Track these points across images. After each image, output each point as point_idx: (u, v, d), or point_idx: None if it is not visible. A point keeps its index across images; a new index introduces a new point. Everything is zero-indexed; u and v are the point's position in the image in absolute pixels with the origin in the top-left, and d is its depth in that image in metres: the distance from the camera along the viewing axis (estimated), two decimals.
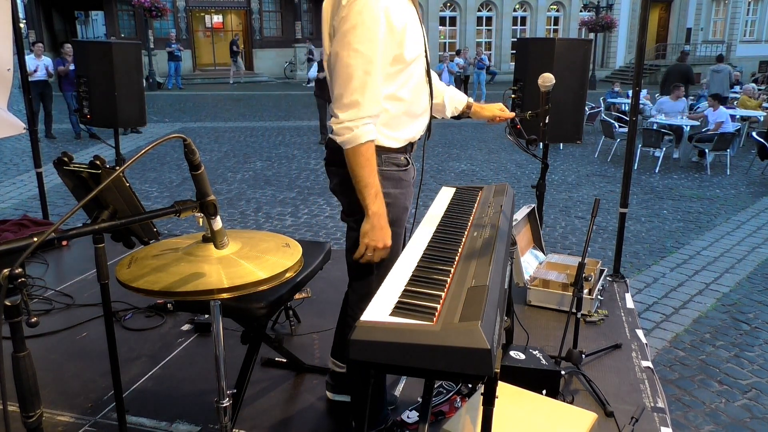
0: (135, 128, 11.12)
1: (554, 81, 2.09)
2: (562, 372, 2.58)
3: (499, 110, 2.39)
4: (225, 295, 1.20)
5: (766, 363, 3.75)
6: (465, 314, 1.29)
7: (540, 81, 2.10)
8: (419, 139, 2.10)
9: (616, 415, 2.41)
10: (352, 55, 1.74)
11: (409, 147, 2.04)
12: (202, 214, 1.26)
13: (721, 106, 10.18)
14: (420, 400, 2.43)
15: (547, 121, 2.16)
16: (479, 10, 26.52)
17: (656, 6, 27.22)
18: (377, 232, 1.84)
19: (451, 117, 2.41)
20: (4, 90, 4.00)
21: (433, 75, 2.26)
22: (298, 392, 2.63)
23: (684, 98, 10.83)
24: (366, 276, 2.02)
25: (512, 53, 25.35)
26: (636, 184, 8.20)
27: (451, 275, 1.56)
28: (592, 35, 22.44)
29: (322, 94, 10.61)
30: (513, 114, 2.44)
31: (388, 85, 1.86)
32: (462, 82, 18.46)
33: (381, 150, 1.89)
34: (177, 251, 1.33)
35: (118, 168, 1.65)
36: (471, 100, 2.42)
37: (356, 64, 1.74)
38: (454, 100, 2.36)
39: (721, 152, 9.39)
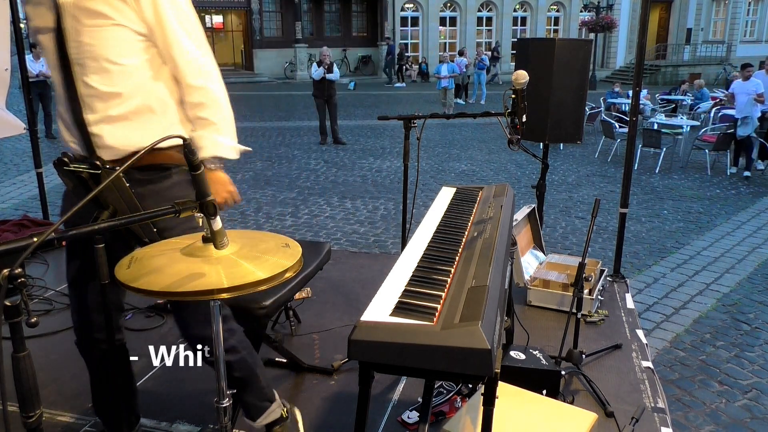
0: None
1: (528, 78, 2.09)
2: (563, 372, 2.58)
3: None
4: (225, 295, 1.20)
5: (767, 363, 3.75)
6: (465, 314, 1.29)
7: (513, 78, 2.10)
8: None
9: (617, 415, 2.41)
10: None
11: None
12: (202, 215, 1.26)
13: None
14: (420, 400, 2.43)
15: (524, 119, 2.15)
16: (479, 11, 26.53)
17: (656, 6, 27.22)
18: None
19: None
20: (2, 90, 4.00)
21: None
22: (298, 392, 2.63)
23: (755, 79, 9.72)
24: None
25: (512, 53, 25.35)
26: (636, 184, 8.19)
27: (451, 275, 1.56)
28: (592, 35, 22.46)
29: (321, 94, 10.64)
30: None
31: None
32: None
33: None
34: (177, 251, 1.33)
35: (118, 168, 1.65)
36: None
37: None
38: None
39: (721, 152, 9.38)
